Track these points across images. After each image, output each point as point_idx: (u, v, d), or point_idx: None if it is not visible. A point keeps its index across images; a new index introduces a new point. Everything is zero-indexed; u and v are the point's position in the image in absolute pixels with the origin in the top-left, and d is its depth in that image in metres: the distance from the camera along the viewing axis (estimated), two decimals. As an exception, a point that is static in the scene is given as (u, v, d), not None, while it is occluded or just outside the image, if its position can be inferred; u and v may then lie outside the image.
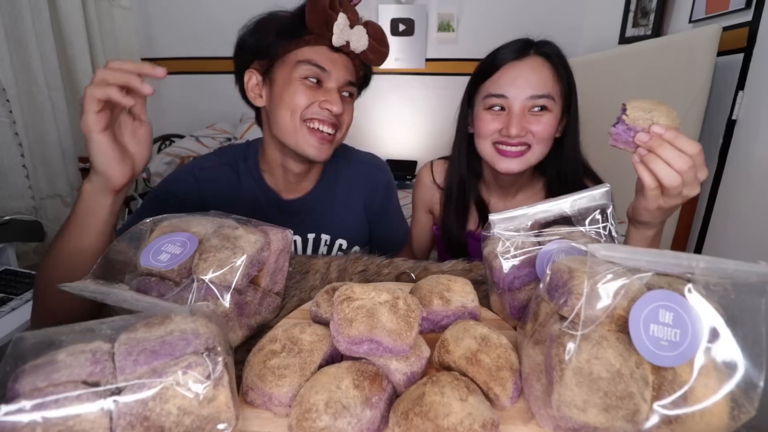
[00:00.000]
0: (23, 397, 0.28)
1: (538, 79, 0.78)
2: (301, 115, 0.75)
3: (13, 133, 1.60)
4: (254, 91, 0.80)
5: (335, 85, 0.75)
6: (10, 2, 1.63)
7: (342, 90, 0.77)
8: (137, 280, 0.46)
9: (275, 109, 0.76)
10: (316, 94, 0.74)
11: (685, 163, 0.50)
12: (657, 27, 1.82)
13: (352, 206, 0.92)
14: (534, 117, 0.78)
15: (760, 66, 1.30)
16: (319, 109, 0.75)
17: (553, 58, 0.80)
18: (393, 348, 0.37)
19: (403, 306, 0.39)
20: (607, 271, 0.34)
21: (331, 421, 0.32)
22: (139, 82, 0.48)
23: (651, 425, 0.31)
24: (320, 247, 0.89)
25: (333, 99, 0.74)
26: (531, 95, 0.77)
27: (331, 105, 0.74)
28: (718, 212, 1.46)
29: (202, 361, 0.32)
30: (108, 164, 0.51)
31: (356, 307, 0.38)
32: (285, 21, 0.75)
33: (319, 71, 0.74)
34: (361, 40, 0.76)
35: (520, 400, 0.39)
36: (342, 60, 0.76)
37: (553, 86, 0.79)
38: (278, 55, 0.75)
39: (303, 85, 0.74)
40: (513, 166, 0.80)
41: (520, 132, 0.77)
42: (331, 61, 0.75)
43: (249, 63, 0.79)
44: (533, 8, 2.49)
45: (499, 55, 0.83)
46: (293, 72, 0.74)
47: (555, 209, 0.51)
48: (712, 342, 0.32)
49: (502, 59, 0.81)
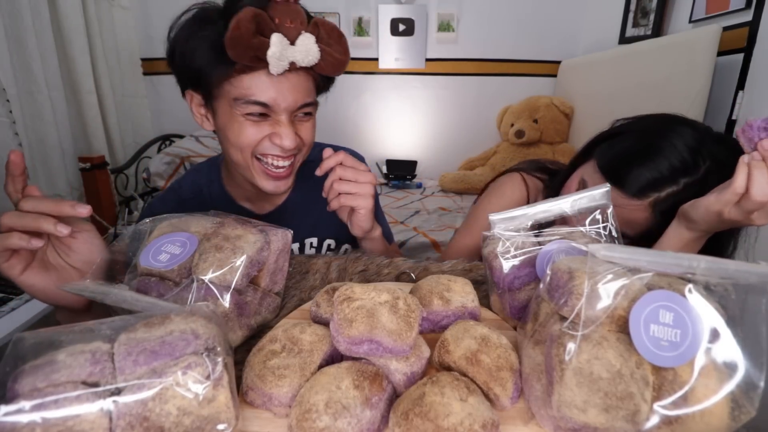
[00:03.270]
0: (23, 398, 0.28)
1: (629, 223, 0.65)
2: (252, 152, 0.67)
3: (13, 133, 1.59)
4: (199, 113, 0.71)
5: (285, 115, 0.65)
6: (10, 2, 1.63)
7: (297, 113, 0.67)
8: (137, 280, 0.46)
9: (223, 142, 0.69)
10: (263, 128, 0.65)
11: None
12: (657, 27, 1.82)
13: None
14: None
15: (760, 66, 1.30)
16: (271, 144, 0.66)
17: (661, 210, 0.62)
18: (393, 348, 0.37)
19: (403, 306, 0.39)
20: (607, 272, 0.34)
21: (331, 422, 0.32)
22: (52, 225, 0.42)
23: (651, 425, 0.31)
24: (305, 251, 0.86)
25: (284, 133, 0.64)
26: None
27: (282, 140, 0.65)
28: (718, 212, 1.45)
29: (202, 362, 0.32)
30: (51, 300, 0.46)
31: (356, 308, 0.38)
32: (213, 37, 0.59)
33: (260, 107, 0.63)
34: (310, 53, 0.61)
35: (520, 401, 0.39)
36: (290, 82, 0.63)
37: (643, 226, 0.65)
38: (212, 84, 0.64)
39: (247, 122, 0.64)
40: None
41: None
42: (273, 89, 0.62)
43: (185, 85, 0.69)
44: (533, 8, 2.49)
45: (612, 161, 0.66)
46: (233, 108, 0.64)
47: (555, 209, 0.51)
48: (713, 342, 0.32)
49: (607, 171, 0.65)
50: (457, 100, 2.68)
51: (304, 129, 0.70)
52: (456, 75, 2.63)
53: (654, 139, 0.64)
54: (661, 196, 0.61)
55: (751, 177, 0.49)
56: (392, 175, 2.53)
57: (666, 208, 0.62)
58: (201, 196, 0.81)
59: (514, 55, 2.58)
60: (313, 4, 3.08)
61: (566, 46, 2.49)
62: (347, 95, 2.66)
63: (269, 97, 0.63)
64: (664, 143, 0.62)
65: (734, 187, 0.50)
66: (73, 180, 1.89)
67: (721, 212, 0.53)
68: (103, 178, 1.79)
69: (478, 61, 2.60)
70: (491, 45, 2.57)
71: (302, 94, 0.65)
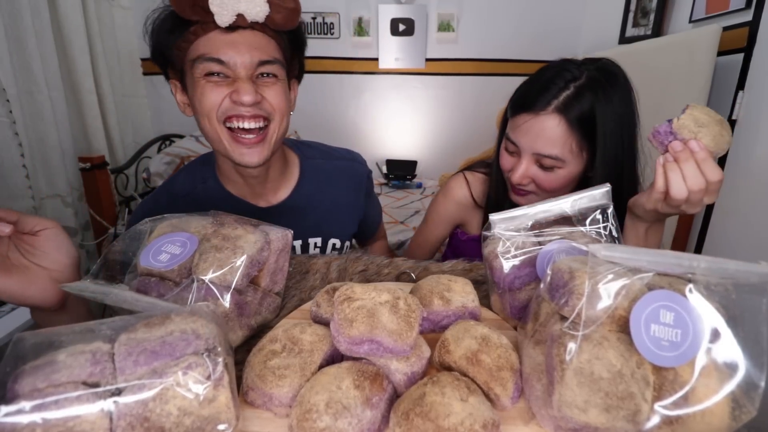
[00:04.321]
0: (23, 398, 0.28)
1: (548, 137, 0.71)
2: (217, 117, 0.66)
3: (13, 133, 1.59)
4: (182, 102, 0.72)
5: (244, 71, 0.64)
6: (10, 2, 1.62)
7: (257, 72, 0.66)
8: (137, 281, 0.46)
9: (196, 118, 0.69)
10: (223, 90, 0.65)
11: (699, 185, 0.53)
12: (657, 27, 1.82)
13: (339, 204, 0.88)
14: (543, 172, 0.74)
15: (760, 66, 1.30)
16: (231, 104, 0.65)
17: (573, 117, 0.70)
18: (394, 348, 0.37)
19: (403, 306, 0.39)
20: (608, 272, 0.34)
21: (331, 422, 0.32)
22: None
23: (652, 425, 0.31)
24: (310, 250, 0.86)
25: (241, 88, 0.63)
26: (538, 152, 0.72)
27: (240, 95, 0.63)
28: (718, 212, 1.46)
29: (203, 362, 0.32)
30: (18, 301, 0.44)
31: (357, 307, 0.38)
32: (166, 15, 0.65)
33: (216, 64, 0.63)
34: (256, 4, 0.61)
35: (520, 401, 0.39)
36: (244, 38, 0.64)
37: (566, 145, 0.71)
38: (175, 57, 0.66)
39: (207, 84, 0.64)
40: (522, 201, 0.79)
41: (521, 180, 0.75)
42: (227, 45, 0.63)
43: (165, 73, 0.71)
44: (533, 8, 2.49)
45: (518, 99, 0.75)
46: (194, 72, 0.64)
47: (555, 209, 0.51)
48: (713, 342, 0.32)
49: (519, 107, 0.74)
50: (457, 100, 2.68)
51: (271, 93, 0.68)
52: (456, 75, 2.63)
53: (543, 71, 0.75)
54: (560, 100, 0.70)
55: (668, 178, 0.55)
56: (392, 175, 2.53)
57: (577, 115, 0.69)
58: (194, 193, 0.80)
59: (514, 55, 2.57)
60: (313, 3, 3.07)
61: (566, 46, 2.48)
62: (347, 95, 2.66)
63: (224, 53, 0.63)
64: (550, 70, 0.74)
65: (656, 187, 0.57)
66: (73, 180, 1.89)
67: (656, 209, 0.59)
68: (103, 178, 1.78)
69: (478, 61, 2.60)
70: (491, 45, 2.57)
71: (259, 51, 0.65)
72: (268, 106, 0.68)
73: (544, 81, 0.73)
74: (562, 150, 0.71)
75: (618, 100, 0.70)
